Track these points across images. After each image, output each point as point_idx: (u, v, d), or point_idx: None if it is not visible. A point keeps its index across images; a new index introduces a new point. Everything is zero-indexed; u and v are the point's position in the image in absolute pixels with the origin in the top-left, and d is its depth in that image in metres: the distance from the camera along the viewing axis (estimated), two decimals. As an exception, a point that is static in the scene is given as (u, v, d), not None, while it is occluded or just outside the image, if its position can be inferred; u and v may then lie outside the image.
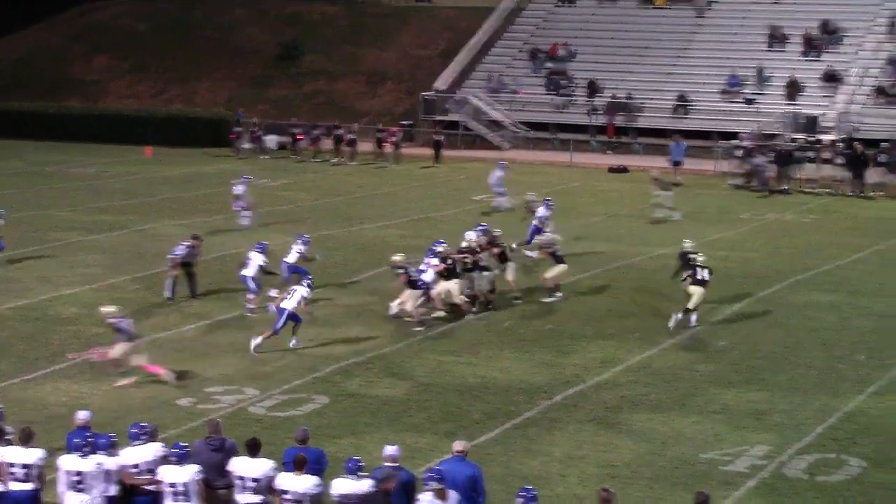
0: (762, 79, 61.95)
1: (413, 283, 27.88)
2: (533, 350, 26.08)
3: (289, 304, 25.62)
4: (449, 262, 28.68)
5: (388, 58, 72.04)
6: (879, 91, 59.25)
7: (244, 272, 28.83)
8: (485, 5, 71.68)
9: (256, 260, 28.90)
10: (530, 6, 71.99)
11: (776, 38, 64.06)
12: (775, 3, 67.30)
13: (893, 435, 20.94)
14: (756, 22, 65.76)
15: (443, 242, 29.66)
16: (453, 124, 63.40)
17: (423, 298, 27.94)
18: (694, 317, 27.88)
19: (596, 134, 62.33)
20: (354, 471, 15.50)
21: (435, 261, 28.66)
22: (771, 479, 18.95)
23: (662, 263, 34.09)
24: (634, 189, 49.40)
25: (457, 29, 71.52)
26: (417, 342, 26.53)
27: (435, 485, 15.06)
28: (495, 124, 62.89)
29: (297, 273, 29.06)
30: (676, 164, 52.44)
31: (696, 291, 27.78)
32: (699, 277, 27.94)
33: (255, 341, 25.53)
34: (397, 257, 29.22)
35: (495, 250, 30.30)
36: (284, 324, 25.59)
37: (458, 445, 16.22)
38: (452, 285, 28.50)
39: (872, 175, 50.21)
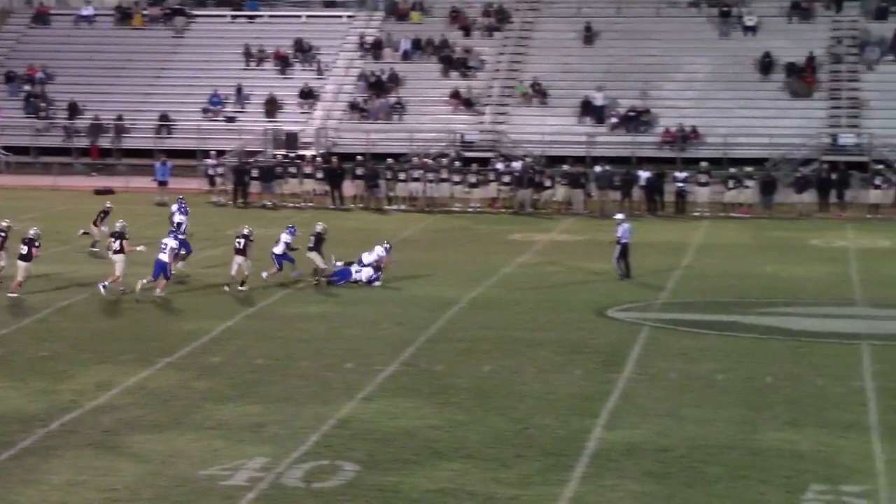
0: (242, 97, 63.02)
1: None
2: (27, 378, 25.63)
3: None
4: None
5: None
6: (353, 107, 61.56)
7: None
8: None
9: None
10: (4, 28, 70.09)
11: (252, 57, 65.28)
12: (251, 22, 68.61)
13: (384, 438, 21.89)
14: (233, 41, 66.77)
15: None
16: (-73, 151, 61.07)
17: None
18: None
19: (79, 156, 61.54)
20: None
21: None
22: (270, 490, 19.43)
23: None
24: (122, 210, 49.07)
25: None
26: None
27: None
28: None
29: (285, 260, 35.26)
30: (162, 183, 52.56)
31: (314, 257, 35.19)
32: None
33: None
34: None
35: None
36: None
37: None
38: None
39: (350, 188, 52.18)
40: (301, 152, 56.85)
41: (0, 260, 34.91)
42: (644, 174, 50.37)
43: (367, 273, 35.48)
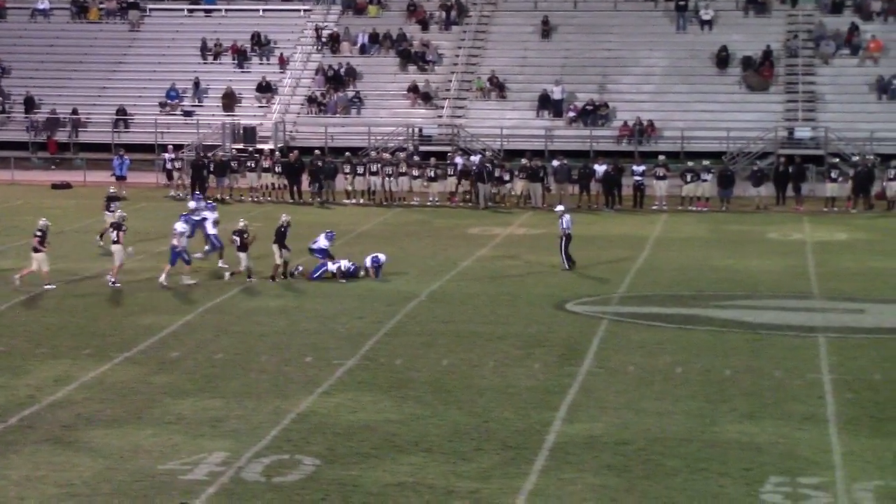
0: (199, 91, 62.82)
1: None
2: (-16, 374, 25.54)
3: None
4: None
5: None
6: (311, 100, 61.48)
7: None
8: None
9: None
10: (-41, 21, 69.77)
11: (209, 51, 65.08)
12: (207, 15, 68.39)
13: (343, 432, 21.90)
14: (190, 35, 66.60)
15: None
16: None
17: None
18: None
19: (37, 150, 61.20)
20: None
21: None
22: (230, 485, 19.42)
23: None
24: (79, 205, 48.93)
25: None
26: None
27: None
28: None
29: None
30: (120, 178, 52.33)
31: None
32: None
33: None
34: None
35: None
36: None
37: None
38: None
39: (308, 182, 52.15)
40: (259, 146, 56.72)
41: None
42: (600, 168, 50.49)
43: (345, 263, 35.54)
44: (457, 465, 20.24)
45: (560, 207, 38.32)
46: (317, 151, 54.03)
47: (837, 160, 52.34)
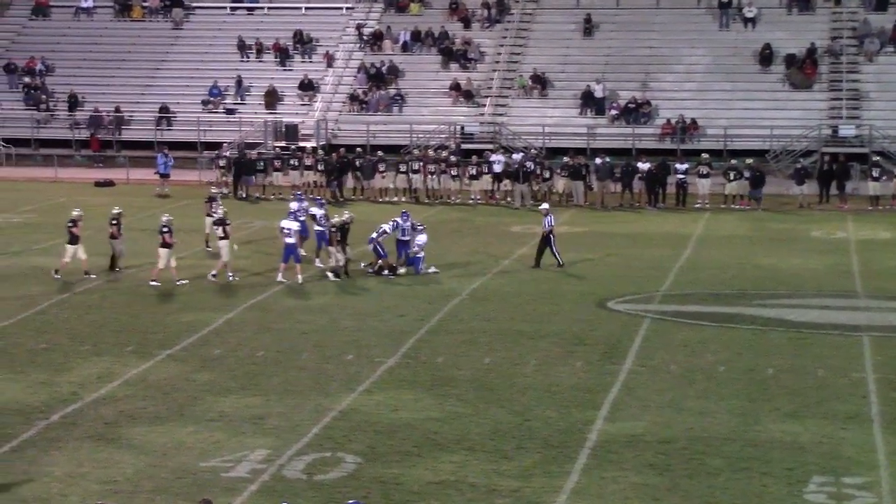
0: (242, 89, 62.99)
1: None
2: (27, 370, 25.65)
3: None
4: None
5: None
6: (353, 98, 61.54)
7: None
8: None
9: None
10: (4, 19, 70.09)
11: (250, 49, 65.19)
12: (250, 14, 68.55)
13: (385, 430, 21.92)
14: (232, 33, 66.74)
15: None
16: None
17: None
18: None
19: (80, 148, 61.53)
20: None
21: None
22: (272, 482, 19.47)
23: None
24: (121, 202, 49.00)
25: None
26: None
27: None
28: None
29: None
30: (164, 175, 52.50)
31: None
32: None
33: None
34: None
35: None
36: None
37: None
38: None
39: (350, 180, 52.10)
40: (301, 144, 56.83)
41: (120, 245, 36.13)
42: (643, 166, 50.27)
43: (388, 226, 36.28)
44: (499, 464, 20.21)
45: (544, 206, 38.59)
46: (358, 149, 54.07)
47: (879, 158, 51.94)
